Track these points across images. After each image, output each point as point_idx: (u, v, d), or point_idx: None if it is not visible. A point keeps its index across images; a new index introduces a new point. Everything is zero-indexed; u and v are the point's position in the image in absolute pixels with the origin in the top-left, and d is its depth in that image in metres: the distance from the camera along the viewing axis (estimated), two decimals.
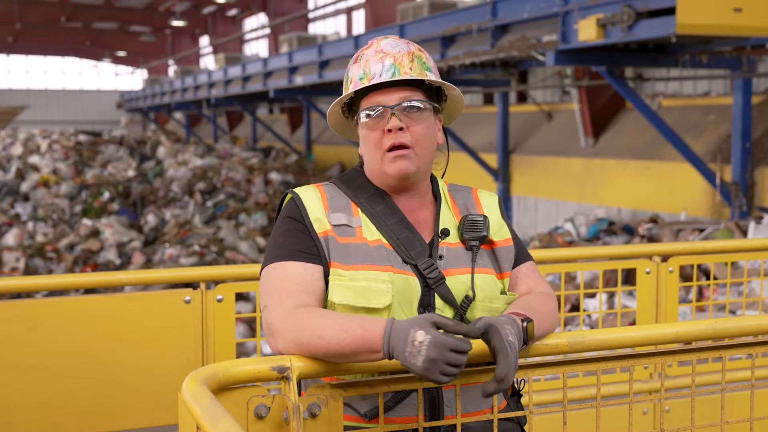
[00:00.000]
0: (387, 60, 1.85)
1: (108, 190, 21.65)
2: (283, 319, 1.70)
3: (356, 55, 1.92)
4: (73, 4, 39.75)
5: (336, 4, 24.54)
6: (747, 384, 2.01)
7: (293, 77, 19.40)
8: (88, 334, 2.93)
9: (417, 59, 1.87)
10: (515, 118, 17.69)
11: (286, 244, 1.81)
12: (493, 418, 1.74)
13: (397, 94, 1.85)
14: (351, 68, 1.91)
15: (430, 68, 1.90)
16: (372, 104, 1.85)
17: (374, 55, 1.87)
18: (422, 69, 1.87)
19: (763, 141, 12.43)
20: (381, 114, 1.84)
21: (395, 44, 1.89)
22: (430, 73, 1.89)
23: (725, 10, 8.86)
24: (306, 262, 1.79)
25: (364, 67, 1.87)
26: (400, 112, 1.84)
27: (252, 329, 11.32)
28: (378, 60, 1.86)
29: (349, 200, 1.89)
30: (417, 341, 1.55)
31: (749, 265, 8.25)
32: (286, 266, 1.79)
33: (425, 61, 1.89)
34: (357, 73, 1.88)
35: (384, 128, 1.84)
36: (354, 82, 1.88)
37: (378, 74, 1.84)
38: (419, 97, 1.86)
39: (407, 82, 1.86)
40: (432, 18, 14.16)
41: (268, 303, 1.75)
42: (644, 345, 1.85)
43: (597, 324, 8.32)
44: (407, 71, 1.85)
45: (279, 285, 1.76)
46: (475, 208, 1.95)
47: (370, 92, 1.86)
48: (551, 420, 3.00)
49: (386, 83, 1.85)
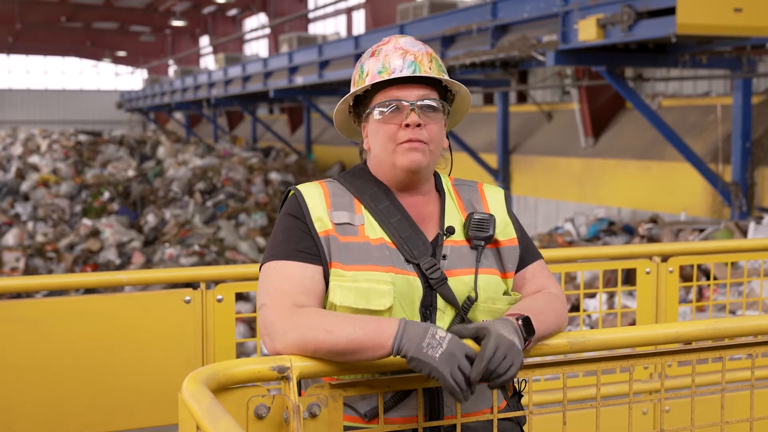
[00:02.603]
0: (408, 56, 1.87)
1: (108, 190, 21.65)
2: (284, 317, 1.69)
3: (373, 50, 1.92)
4: (73, 4, 39.73)
5: (336, 4, 24.53)
6: (747, 384, 2.01)
7: (293, 77, 19.39)
8: (88, 334, 2.92)
9: (435, 60, 1.90)
10: (515, 118, 17.68)
11: (287, 243, 1.81)
12: (492, 418, 1.74)
13: (416, 91, 1.86)
14: (367, 61, 1.91)
15: (445, 72, 1.93)
16: (389, 98, 1.85)
17: (394, 50, 1.88)
18: (439, 70, 1.90)
19: (763, 141, 12.42)
20: (398, 109, 1.85)
21: (414, 43, 1.90)
22: (446, 76, 1.92)
23: (725, 10, 8.86)
24: (306, 262, 1.78)
25: (384, 61, 1.87)
26: (419, 108, 1.85)
27: (252, 329, 11.31)
28: (399, 56, 1.87)
29: (352, 197, 1.88)
30: (438, 335, 1.60)
31: (749, 265, 8.25)
32: (286, 266, 1.78)
33: (441, 64, 1.92)
34: (375, 67, 1.88)
35: (401, 123, 1.84)
36: (372, 75, 1.88)
37: (399, 69, 1.85)
38: (435, 96, 1.88)
39: (425, 81, 1.87)
40: (432, 18, 14.16)
41: (267, 302, 1.74)
42: (644, 345, 1.85)
43: (597, 324, 8.32)
44: (427, 70, 1.86)
45: (278, 285, 1.76)
46: (480, 204, 1.95)
47: (387, 87, 1.87)
48: (551, 420, 3.00)
49: (405, 79, 1.86)
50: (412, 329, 1.62)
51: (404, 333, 1.61)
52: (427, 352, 1.58)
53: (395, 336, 1.61)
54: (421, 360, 1.58)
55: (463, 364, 1.58)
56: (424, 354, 1.58)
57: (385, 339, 1.62)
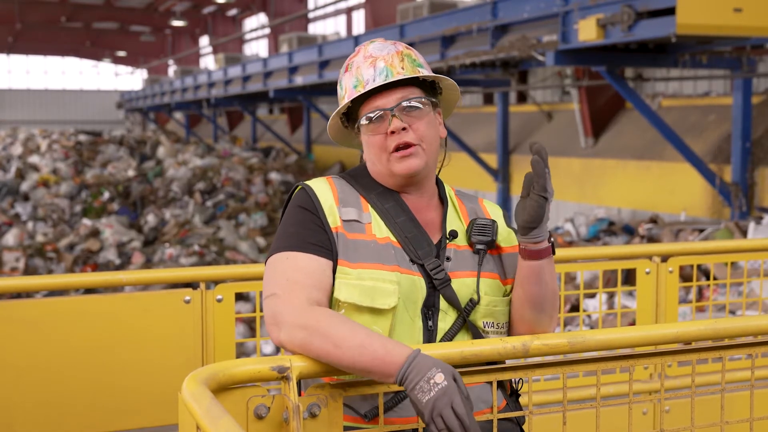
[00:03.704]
0: (378, 63, 1.85)
1: (108, 190, 21.65)
2: (297, 313, 1.68)
3: (345, 64, 1.91)
4: (73, 4, 39.73)
5: (336, 4, 24.54)
6: (747, 384, 2.01)
7: (293, 77, 19.39)
8: (88, 334, 2.92)
9: (407, 58, 1.87)
10: (515, 118, 17.68)
11: (299, 235, 1.79)
12: (492, 418, 1.74)
13: (394, 96, 1.84)
14: (343, 78, 1.91)
15: (421, 64, 1.89)
16: (371, 109, 1.84)
17: (364, 60, 1.87)
18: (414, 66, 1.87)
19: (763, 141, 12.42)
20: (381, 117, 1.83)
21: (383, 47, 1.88)
22: (423, 69, 1.88)
23: (725, 10, 8.85)
24: (318, 255, 1.77)
25: (356, 75, 1.86)
26: (400, 112, 1.83)
27: (252, 329, 11.30)
28: (369, 65, 1.85)
29: (359, 195, 1.88)
30: (433, 380, 1.55)
31: (749, 266, 8.25)
32: (298, 257, 1.76)
33: (415, 58, 1.89)
34: (350, 82, 1.87)
35: (386, 131, 1.83)
36: (348, 91, 1.87)
37: (371, 79, 1.84)
38: (416, 95, 1.86)
39: (402, 81, 1.85)
40: (432, 18, 14.16)
41: (278, 291, 1.72)
42: (644, 345, 1.85)
43: (597, 324, 8.32)
44: (399, 71, 1.84)
45: (291, 275, 1.74)
46: (482, 214, 1.96)
47: (368, 98, 1.86)
48: (551, 420, 3.00)
49: (381, 86, 1.84)
50: (417, 367, 1.57)
51: (409, 369, 1.58)
52: (417, 394, 1.56)
53: (400, 371, 1.58)
54: (412, 399, 1.57)
55: (445, 413, 1.54)
56: (414, 395, 1.56)
57: (392, 369, 1.59)
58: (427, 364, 1.57)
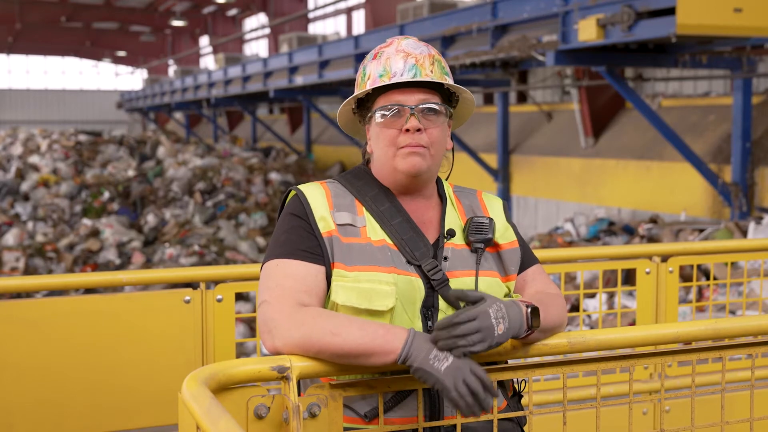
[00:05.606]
0: (409, 60, 1.85)
1: (108, 190, 21.64)
2: (287, 315, 1.68)
3: (375, 52, 1.91)
4: (73, 4, 39.73)
5: (336, 4, 24.52)
6: (747, 384, 2.01)
7: (293, 77, 19.39)
8: (88, 334, 2.93)
9: (437, 63, 1.88)
10: (515, 118, 17.69)
11: (290, 242, 1.80)
12: (493, 419, 1.74)
13: (416, 95, 1.84)
14: (369, 64, 1.90)
15: (448, 73, 1.91)
16: (390, 102, 1.84)
17: (396, 53, 1.87)
18: (441, 73, 1.88)
19: (763, 141, 12.42)
20: (399, 113, 1.84)
21: (416, 45, 1.89)
22: (449, 78, 1.90)
23: (725, 10, 8.86)
24: (309, 262, 1.78)
25: (385, 65, 1.86)
26: (419, 113, 1.84)
27: (252, 329, 11.30)
28: (400, 58, 1.85)
29: (354, 198, 1.88)
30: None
31: (749, 266, 8.25)
32: (289, 264, 1.77)
33: (444, 66, 1.90)
34: (377, 70, 1.87)
35: (401, 127, 1.83)
36: (373, 78, 1.87)
37: (400, 73, 1.84)
38: (437, 100, 1.86)
39: (426, 84, 1.86)
40: (432, 18, 14.16)
41: (269, 299, 1.73)
42: (644, 345, 1.85)
43: (597, 324, 8.31)
44: (428, 73, 1.85)
45: (281, 282, 1.75)
46: (480, 211, 1.96)
47: (389, 90, 1.86)
48: (551, 420, 3.00)
49: (406, 83, 1.85)
50: (421, 339, 1.62)
51: (413, 342, 1.61)
52: (433, 363, 1.58)
53: (404, 345, 1.61)
54: (426, 371, 1.58)
55: (469, 379, 1.58)
56: (430, 365, 1.58)
57: (393, 346, 1.61)
58: (428, 337, 1.62)
